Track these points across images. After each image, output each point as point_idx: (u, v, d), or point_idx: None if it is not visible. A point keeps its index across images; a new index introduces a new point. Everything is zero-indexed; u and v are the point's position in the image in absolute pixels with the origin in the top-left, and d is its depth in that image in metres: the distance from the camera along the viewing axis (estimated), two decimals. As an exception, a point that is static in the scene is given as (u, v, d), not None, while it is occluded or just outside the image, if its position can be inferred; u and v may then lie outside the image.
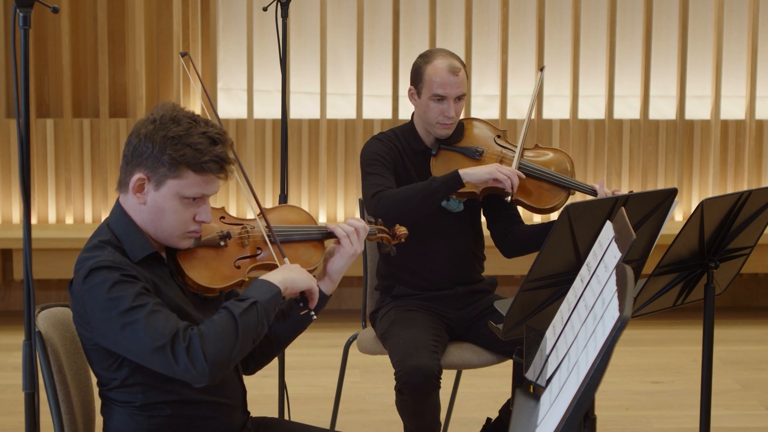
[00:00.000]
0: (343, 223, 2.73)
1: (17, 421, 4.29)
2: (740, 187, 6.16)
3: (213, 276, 2.59)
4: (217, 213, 2.71)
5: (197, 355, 2.34)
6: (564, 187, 3.67)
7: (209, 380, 2.37)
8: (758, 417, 4.54)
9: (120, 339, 2.40)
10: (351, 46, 6.00)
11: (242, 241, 2.67)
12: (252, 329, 2.43)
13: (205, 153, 2.47)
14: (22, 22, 2.42)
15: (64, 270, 5.66)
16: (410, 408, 3.41)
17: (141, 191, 2.50)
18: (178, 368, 2.35)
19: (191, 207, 2.51)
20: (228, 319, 2.41)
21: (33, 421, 2.52)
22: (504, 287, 5.78)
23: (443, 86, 3.60)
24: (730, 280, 3.30)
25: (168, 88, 5.96)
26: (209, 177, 2.50)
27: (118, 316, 2.38)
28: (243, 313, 2.42)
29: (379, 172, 3.61)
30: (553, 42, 6.09)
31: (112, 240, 2.52)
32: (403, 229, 2.99)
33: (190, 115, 2.52)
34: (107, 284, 2.40)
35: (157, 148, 2.47)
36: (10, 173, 5.86)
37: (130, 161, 2.51)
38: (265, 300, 2.47)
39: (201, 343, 2.35)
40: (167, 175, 2.47)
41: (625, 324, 1.70)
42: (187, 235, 2.54)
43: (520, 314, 2.78)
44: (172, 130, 2.47)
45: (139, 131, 2.50)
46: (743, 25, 6.14)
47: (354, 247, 2.71)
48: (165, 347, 2.34)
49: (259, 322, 2.45)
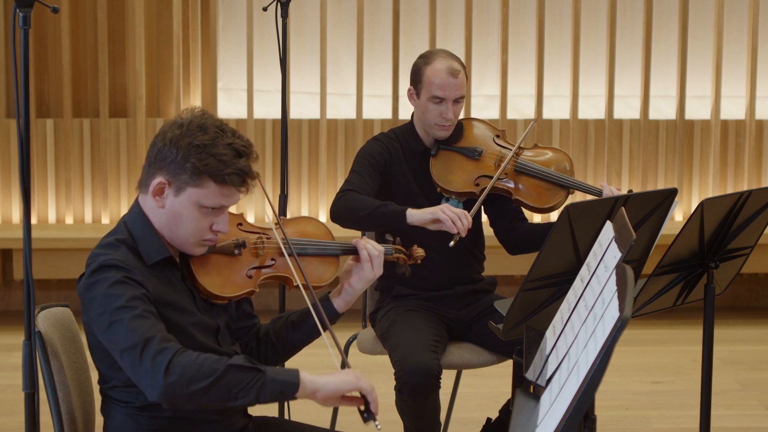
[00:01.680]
0: (369, 245, 2.70)
1: (17, 421, 4.29)
2: (740, 187, 6.16)
3: (224, 284, 2.58)
4: (235, 219, 2.68)
5: (160, 365, 2.28)
6: (563, 186, 3.67)
7: (158, 395, 2.28)
8: (758, 417, 4.54)
9: (106, 335, 2.39)
10: (351, 46, 6.00)
11: (257, 250, 2.64)
12: (232, 388, 2.29)
13: (229, 165, 2.45)
14: (22, 22, 2.42)
15: (64, 270, 5.66)
16: (410, 408, 3.41)
17: (160, 195, 2.49)
18: (138, 371, 2.30)
19: (209, 216, 2.49)
20: (219, 361, 2.31)
21: (33, 421, 2.52)
22: (504, 287, 5.78)
23: (442, 88, 3.59)
24: (730, 280, 3.30)
25: (168, 88, 5.96)
26: (230, 189, 2.48)
27: (110, 313, 2.37)
28: (238, 368, 2.30)
29: (361, 171, 3.61)
30: (553, 42, 6.09)
31: (128, 240, 2.51)
32: (420, 251, 2.97)
33: (218, 124, 2.49)
34: (110, 281, 2.40)
35: (181, 155, 2.45)
36: (10, 173, 5.86)
37: (153, 163, 2.50)
38: (272, 379, 2.31)
39: (174, 356, 2.28)
40: (188, 182, 2.46)
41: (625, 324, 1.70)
42: (202, 242, 2.53)
43: (520, 314, 2.78)
44: (198, 138, 2.45)
45: (165, 134, 2.48)
46: (743, 25, 6.14)
47: (374, 271, 2.69)
48: (136, 347, 2.31)
49: (245, 390, 2.29)
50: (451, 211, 3.35)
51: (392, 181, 3.66)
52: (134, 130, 5.90)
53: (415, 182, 3.68)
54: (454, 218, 3.34)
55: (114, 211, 5.92)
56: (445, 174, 3.65)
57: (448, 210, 3.36)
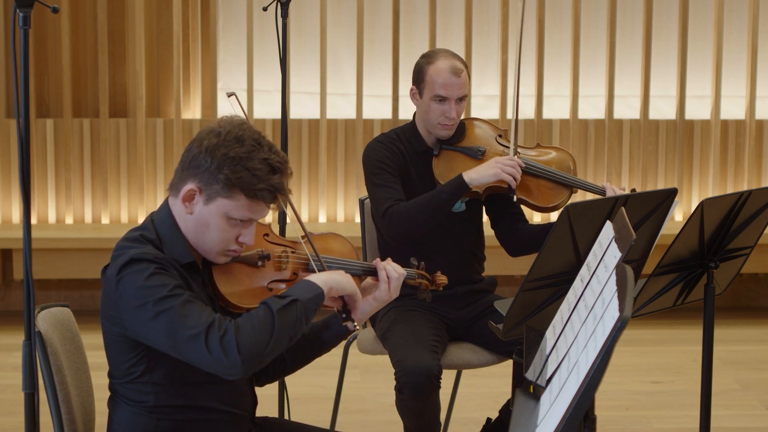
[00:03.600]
0: (390, 267, 2.71)
1: (17, 421, 4.29)
2: (740, 187, 6.16)
3: (243, 295, 2.57)
4: (262, 230, 2.67)
5: (231, 346, 2.31)
6: (566, 185, 3.67)
7: (241, 372, 2.34)
8: (758, 417, 4.54)
9: (151, 327, 2.38)
10: (351, 46, 6.00)
11: (280, 264, 2.64)
12: (289, 327, 2.39)
13: (262, 180, 2.45)
14: (22, 22, 2.42)
15: (64, 270, 5.66)
16: (410, 408, 3.41)
17: (190, 201, 2.49)
18: (210, 358, 2.32)
19: (236, 228, 2.49)
20: (266, 314, 2.37)
21: (33, 421, 2.52)
22: (504, 287, 5.78)
23: (445, 87, 3.59)
24: (730, 280, 3.30)
25: (168, 88, 5.96)
26: (260, 204, 2.48)
27: (154, 304, 2.36)
28: (281, 310, 2.38)
29: (386, 182, 3.60)
30: (553, 42, 6.09)
31: (155, 240, 2.50)
32: (443, 278, 2.97)
33: (255, 137, 2.48)
34: (146, 272, 2.39)
35: (215, 165, 2.44)
36: (10, 173, 5.86)
37: (186, 168, 2.49)
38: (306, 299, 2.44)
39: (236, 334, 2.32)
40: (219, 193, 2.45)
41: (625, 324, 1.70)
42: (226, 252, 2.53)
43: (520, 314, 2.78)
44: (234, 150, 2.44)
45: (202, 141, 2.47)
46: (743, 25, 6.14)
47: (390, 293, 2.70)
48: (199, 336, 2.32)
49: (298, 321, 2.41)
50: (509, 165, 3.52)
51: (402, 178, 3.66)
52: (134, 130, 5.90)
53: (419, 182, 3.68)
54: (514, 171, 3.52)
55: (114, 211, 5.92)
56: (448, 174, 3.64)
57: (507, 166, 3.53)
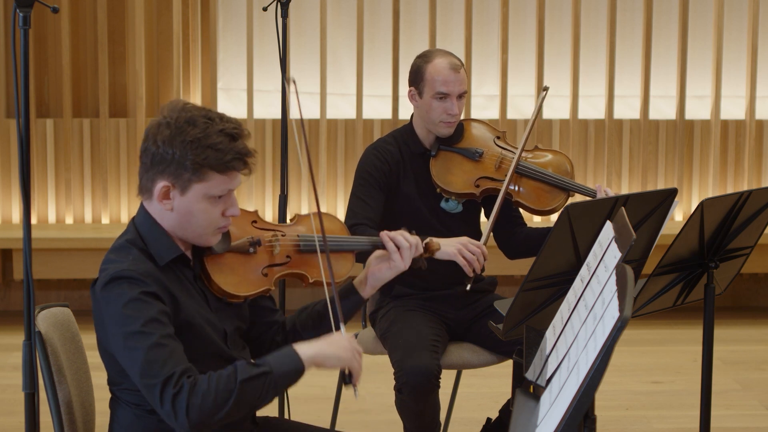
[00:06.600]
0: (399, 237, 2.70)
1: (17, 421, 4.29)
2: (740, 187, 6.16)
3: (239, 283, 2.57)
4: (250, 217, 2.67)
5: (181, 407, 2.29)
6: (563, 188, 3.67)
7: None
8: (758, 417, 4.54)
9: (121, 356, 2.39)
10: (351, 46, 6.00)
11: (272, 248, 2.63)
12: (251, 400, 2.35)
13: (227, 152, 2.44)
14: (22, 22, 2.43)
15: (64, 270, 5.66)
16: (410, 408, 3.41)
17: (167, 198, 2.47)
18: (162, 410, 2.32)
19: (219, 205, 2.48)
20: (228, 381, 2.33)
21: (33, 421, 2.52)
22: (504, 287, 5.77)
23: (446, 84, 3.59)
24: (730, 280, 3.30)
25: (168, 88, 5.96)
26: (233, 173, 2.47)
27: (124, 337, 2.35)
28: (247, 381, 2.34)
29: (361, 194, 3.60)
30: (553, 42, 6.09)
31: (137, 241, 2.49)
32: (435, 244, 2.97)
33: (204, 113, 2.47)
34: (124, 299, 2.37)
35: (178, 154, 2.43)
36: (10, 173, 5.86)
37: (150, 168, 2.47)
38: (281, 373, 2.37)
39: (189, 396, 2.30)
40: (191, 180, 2.44)
41: (625, 324, 1.70)
42: (217, 231, 2.52)
43: (520, 314, 2.78)
44: (190, 134, 2.43)
45: (156, 137, 2.45)
46: (743, 25, 6.14)
47: (405, 262, 2.70)
48: (155, 387, 2.31)
49: (262, 395, 2.36)
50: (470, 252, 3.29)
51: (393, 188, 3.66)
52: (134, 130, 5.90)
53: (416, 184, 3.67)
54: (473, 262, 3.29)
55: (114, 211, 5.92)
56: (445, 174, 3.65)
57: (467, 252, 3.30)
